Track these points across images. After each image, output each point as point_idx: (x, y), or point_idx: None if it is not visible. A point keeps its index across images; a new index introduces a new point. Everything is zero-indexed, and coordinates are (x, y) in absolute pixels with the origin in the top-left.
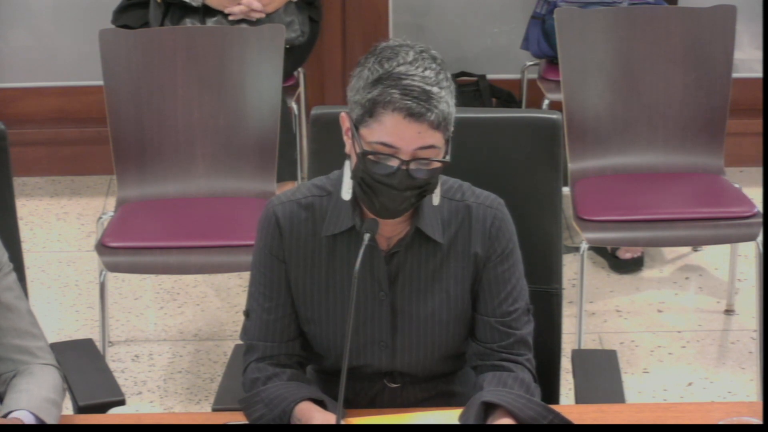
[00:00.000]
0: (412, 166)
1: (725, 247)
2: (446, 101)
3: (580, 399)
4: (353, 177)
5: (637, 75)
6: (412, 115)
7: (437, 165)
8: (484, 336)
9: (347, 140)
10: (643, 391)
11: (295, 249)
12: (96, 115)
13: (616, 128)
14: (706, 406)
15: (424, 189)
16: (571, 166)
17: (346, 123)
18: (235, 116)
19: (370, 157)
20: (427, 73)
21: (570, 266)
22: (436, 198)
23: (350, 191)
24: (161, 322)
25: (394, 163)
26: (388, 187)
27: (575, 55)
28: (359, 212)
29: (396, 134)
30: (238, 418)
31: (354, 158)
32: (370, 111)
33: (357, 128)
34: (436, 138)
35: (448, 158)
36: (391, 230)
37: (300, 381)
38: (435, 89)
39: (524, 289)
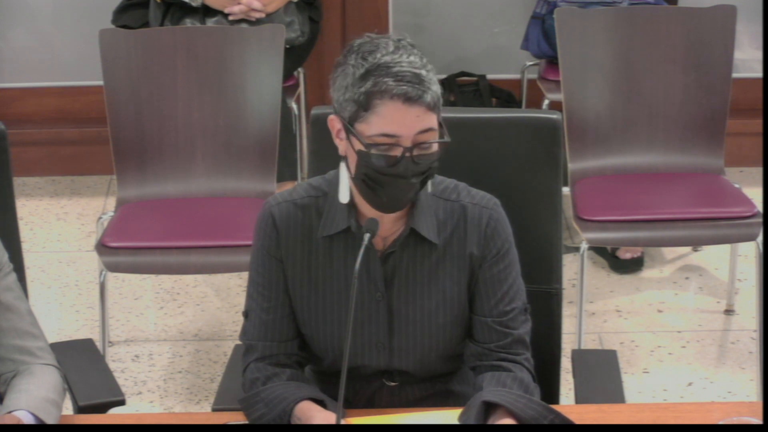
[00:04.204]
0: (415, 152)
1: (725, 247)
2: (435, 82)
3: (580, 399)
4: (356, 176)
5: (637, 75)
6: (410, 98)
7: (436, 148)
8: (482, 336)
9: (339, 143)
10: (643, 391)
11: (292, 249)
12: (96, 115)
13: (616, 128)
14: (706, 406)
15: (427, 174)
16: (571, 166)
17: (336, 125)
18: (235, 116)
19: (373, 151)
20: (412, 58)
21: (570, 266)
22: (429, 185)
23: (348, 195)
24: (161, 322)
25: (397, 151)
26: (395, 177)
27: (575, 55)
28: (355, 213)
29: (396, 121)
30: (238, 418)
31: (352, 158)
32: (365, 104)
33: (352, 125)
34: (433, 120)
35: (447, 138)
36: (387, 230)
37: (300, 381)
38: (424, 72)
39: (521, 289)
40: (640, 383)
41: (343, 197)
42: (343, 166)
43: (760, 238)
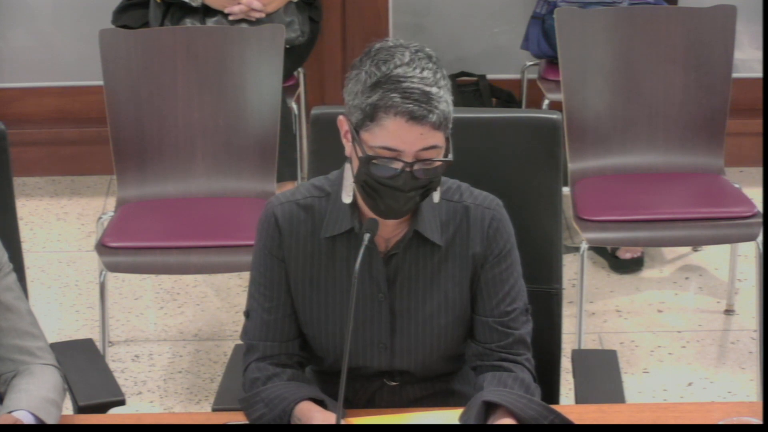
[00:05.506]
0: (416, 167)
1: (725, 247)
2: (445, 100)
3: (580, 399)
4: (356, 180)
5: (637, 75)
6: (414, 118)
7: (440, 164)
8: (483, 336)
9: (346, 143)
10: (643, 391)
11: (295, 249)
12: (96, 115)
13: (616, 128)
14: (706, 406)
15: (428, 188)
16: (571, 166)
17: (344, 126)
18: (235, 116)
19: (374, 161)
20: (425, 73)
21: (570, 266)
22: (436, 195)
23: (351, 195)
24: (161, 322)
25: (398, 165)
26: (393, 189)
27: (575, 55)
28: (358, 214)
29: (398, 137)
30: (238, 418)
31: (355, 161)
32: (371, 115)
33: (357, 132)
34: (438, 138)
35: (450, 157)
36: (390, 232)
37: (300, 381)
38: (434, 89)
39: (522, 290)
40: (640, 383)
41: (347, 197)
42: (347, 167)
43: (760, 238)
